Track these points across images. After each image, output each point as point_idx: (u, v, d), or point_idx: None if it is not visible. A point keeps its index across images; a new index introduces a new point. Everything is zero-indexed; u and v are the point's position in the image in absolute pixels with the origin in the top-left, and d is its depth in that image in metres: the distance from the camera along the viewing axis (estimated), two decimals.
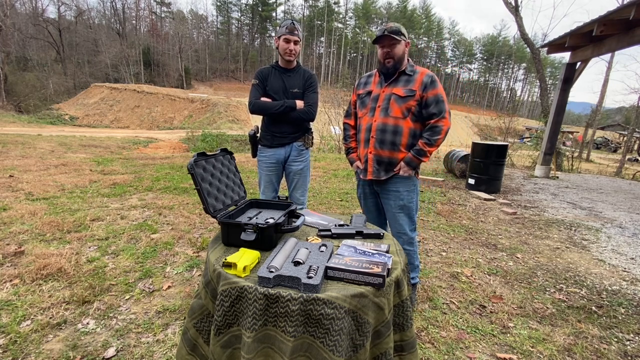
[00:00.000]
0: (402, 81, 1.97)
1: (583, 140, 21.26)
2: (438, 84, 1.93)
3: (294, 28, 2.27)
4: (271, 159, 2.47)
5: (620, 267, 3.07)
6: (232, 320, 0.89)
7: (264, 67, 2.45)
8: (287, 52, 2.31)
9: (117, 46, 48.71)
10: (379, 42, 1.91)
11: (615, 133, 36.05)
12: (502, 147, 5.89)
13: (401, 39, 1.90)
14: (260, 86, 2.38)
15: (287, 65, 2.41)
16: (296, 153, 2.49)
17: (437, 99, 1.91)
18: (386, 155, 2.01)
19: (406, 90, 1.93)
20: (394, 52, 1.90)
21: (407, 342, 1.03)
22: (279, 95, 2.38)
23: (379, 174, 2.05)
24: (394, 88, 1.97)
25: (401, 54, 1.92)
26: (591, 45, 6.42)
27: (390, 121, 1.96)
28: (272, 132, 2.43)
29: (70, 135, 13.50)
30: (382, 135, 1.99)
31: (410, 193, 2.06)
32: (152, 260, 2.61)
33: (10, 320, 1.82)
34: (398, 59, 1.92)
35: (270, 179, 2.52)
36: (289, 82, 2.39)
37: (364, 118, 2.08)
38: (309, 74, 2.48)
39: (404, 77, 1.97)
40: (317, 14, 68.28)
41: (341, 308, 0.82)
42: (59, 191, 4.30)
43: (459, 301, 2.31)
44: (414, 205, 2.09)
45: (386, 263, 0.96)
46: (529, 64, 66.48)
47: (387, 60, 1.93)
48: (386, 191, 2.08)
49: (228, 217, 1.17)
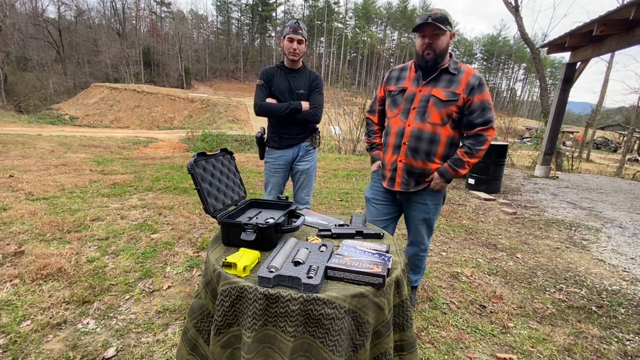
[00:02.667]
0: (444, 81, 1.69)
1: (583, 140, 21.25)
2: (486, 88, 1.67)
3: (298, 27, 2.25)
4: (279, 161, 2.46)
5: (620, 267, 3.07)
6: (232, 320, 0.89)
7: (269, 67, 2.42)
8: (291, 51, 2.28)
9: (117, 46, 48.75)
10: (420, 31, 1.62)
11: (615, 133, 36.04)
12: (502, 147, 5.89)
13: (447, 29, 1.60)
14: (265, 87, 2.34)
15: (292, 66, 2.38)
16: (304, 153, 2.49)
17: (484, 106, 1.65)
18: (419, 166, 1.78)
19: (448, 93, 1.66)
20: (437, 44, 1.62)
21: (407, 342, 1.03)
22: (284, 96, 2.35)
23: (408, 185, 1.83)
24: (433, 88, 1.70)
25: (444, 46, 1.64)
26: (591, 45, 6.42)
27: (427, 128, 1.71)
28: (279, 133, 2.41)
29: (70, 135, 13.50)
30: (416, 143, 1.74)
31: (437, 206, 1.89)
32: (152, 260, 2.61)
33: (10, 320, 1.82)
34: (440, 52, 1.65)
35: (278, 181, 2.51)
36: (294, 83, 2.37)
37: (394, 119, 1.81)
38: (314, 75, 2.46)
39: (446, 76, 1.70)
40: (317, 14, 68.28)
41: (341, 308, 0.82)
42: (59, 191, 4.30)
43: (459, 301, 2.31)
44: (436, 217, 1.93)
45: (386, 263, 0.96)
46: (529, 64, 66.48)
47: (427, 52, 1.65)
48: (411, 202, 1.88)
49: (228, 217, 1.17)
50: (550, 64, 64.21)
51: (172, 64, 54.68)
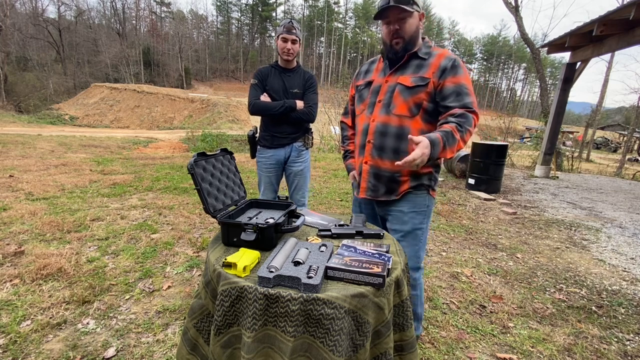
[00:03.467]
0: (412, 67, 1.43)
1: (583, 140, 21.25)
2: (462, 71, 1.37)
3: (291, 27, 2.26)
4: (271, 160, 2.45)
5: (620, 267, 3.07)
6: (232, 320, 0.89)
7: (264, 67, 2.43)
8: (285, 51, 2.29)
9: (117, 46, 48.78)
10: (383, 17, 1.40)
11: (615, 133, 36.05)
12: (502, 147, 5.89)
13: (413, 9, 1.36)
14: (259, 86, 2.35)
15: (286, 65, 2.39)
16: (296, 154, 2.48)
17: (459, 90, 1.34)
18: (386, 168, 1.48)
19: (415, 79, 1.40)
20: (405, 29, 1.37)
21: (407, 342, 1.03)
22: (279, 95, 2.36)
23: (376, 192, 1.53)
24: (400, 76, 1.44)
25: (414, 30, 1.39)
26: (591, 45, 6.42)
27: (393, 121, 1.43)
28: (271, 132, 2.41)
29: (70, 135, 13.50)
30: (381, 140, 1.47)
31: (419, 215, 1.51)
32: (152, 260, 2.61)
33: (10, 320, 1.82)
34: (410, 38, 1.40)
35: (270, 180, 2.51)
36: (289, 82, 2.37)
37: (360, 116, 1.58)
38: (309, 74, 2.47)
39: (415, 61, 1.44)
40: (317, 14, 68.31)
41: (341, 308, 0.82)
42: (59, 191, 4.30)
43: (459, 301, 2.31)
44: (422, 233, 1.54)
45: (386, 263, 0.96)
46: (529, 64, 66.48)
47: (396, 41, 1.41)
48: (388, 212, 1.56)
49: (228, 217, 1.17)
50: (550, 64, 64.22)
51: (172, 64, 54.68)
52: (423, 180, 1.50)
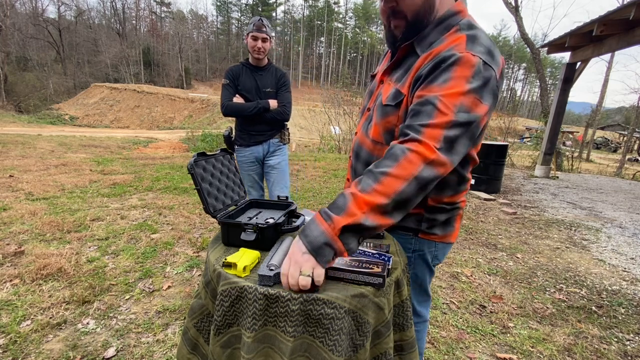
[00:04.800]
0: (403, 69, 0.97)
1: (583, 140, 21.26)
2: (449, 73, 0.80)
3: (261, 25, 2.24)
4: (250, 158, 2.46)
5: (620, 267, 3.07)
6: (231, 320, 0.89)
7: (234, 65, 2.41)
8: (255, 49, 2.28)
9: (117, 46, 48.80)
10: None
11: (615, 133, 36.06)
12: (502, 147, 5.89)
13: None
14: (231, 86, 2.33)
15: (257, 64, 2.38)
16: (274, 149, 2.49)
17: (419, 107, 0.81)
18: None
19: (392, 92, 0.96)
20: (406, 3, 0.89)
21: (407, 342, 1.03)
22: (251, 94, 2.34)
23: None
24: (389, 80, 1.02)
25: (421, 4, 0.89)
26: (591, 45, 6.42)
27: (366, 144, 1.08)
28: (247, 130, 2.41)
29: (70, 135, 13.50)
30: (355, 161, 1.16)
31: (416, 257, 1.14)
32: (152, 260, 2.61)
33: (10, 320, 1.82)
34: (416, 18, 0.90)
35: (253, 178, 2.53)
36: (261, 82, 2.36)
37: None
38: (281, 72, 2.45)
39: (408, 60, 0.96)
40: (317, 14, 68.33)
41: (341, 308, 0.82)
42: (59, 191, 4.30)
43: (459, 301, 2.31)
44: (423, 276, 1.17)
45: (386, 263, 0.96)
46: (529, 64, 66.51)
47: (395, 23, 0.94)
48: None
49: (228, 217, 1.17)
50: (550, 64, 64.27)
51: (172, 64, 54.69)
52: (408, 223, 1.10)
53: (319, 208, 4.24)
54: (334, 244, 0.73)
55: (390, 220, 0.76)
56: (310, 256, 0.74)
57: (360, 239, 0.77)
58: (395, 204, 0.74)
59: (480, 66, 0.80)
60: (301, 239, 0.76)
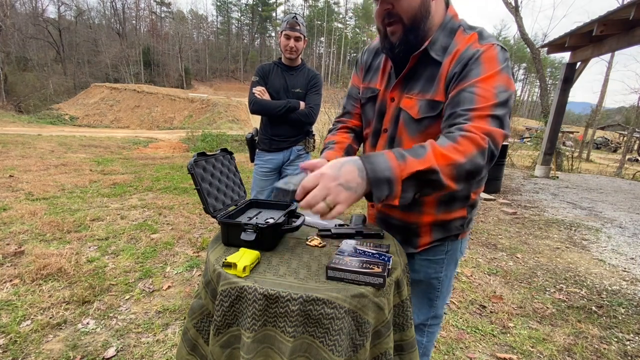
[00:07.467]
0: (423, 78, 0.92)
1: (583, 140, 21.26)
2: (482, 65, 0.82)
3: (295, 23, 2.16)
4: (268, 164, 2.34)
5: (620, 267, 3.07)
6: (231, 321, 0.89)
7: (266, 63, 2.33)
8: (288, 49, 2.19)
9: (117, 46, 48.80)
10: None
11: (615, 133, 36.05)
12: (502, 147, 5.89)
13: None
14: (260, 84, 2.24)
15: (290, 63, 2.28)
16: (295, 157, 2.35)
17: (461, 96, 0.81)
18: (396, 216, 1.13)
19: (423, 104, 0.91)
20: (402, 7, 0.85)
21: (407, 342, 1.03)
22: (278, 94, 2.24)
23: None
24: (405, 94, 0.96)
25: (417, 7, 0.85)
26: (591, 45, 6.42)
27: None
28: (270, 135, 2.29)
29: (70, 135, 13.50)
30: None
31: (434, 264, 1.12)
32: (152, 260, 2.61)
33: (10, 320, 1.82)
34: (412, 22, 0.87)
35: (263, 186, 2.39)
36: (291, 81, 2.26)
37: (366, 144, 1.18)
38: (313, 73, 2.34)
39: (426, 69, 0.92)
40: (317, 14, 68.32)
41: (341, 308, 0.82)
42: (59, 191, 4.30)
43: (459, 301, 2.31)
44: (439, 282, 1.14)
45: (386, 263, 0.96)
46: (529, 64, 66.48)
47: (392, 29, 0.89)
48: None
49: (228, 217, 1.17)
50: (550, 64, 64.23)
51: (172, 64, 54.70)
52: (451, 230, 1.07)
53: None
54: (395, 185, 0.70)
55: (455, 186, 0.75)
56: (362, 183, 0.70)
57: (417, 195, 0.75)
58: (470, 166, 0.73)
59: (501, 51, 0.87)
60: (364, 163, 0.70)
